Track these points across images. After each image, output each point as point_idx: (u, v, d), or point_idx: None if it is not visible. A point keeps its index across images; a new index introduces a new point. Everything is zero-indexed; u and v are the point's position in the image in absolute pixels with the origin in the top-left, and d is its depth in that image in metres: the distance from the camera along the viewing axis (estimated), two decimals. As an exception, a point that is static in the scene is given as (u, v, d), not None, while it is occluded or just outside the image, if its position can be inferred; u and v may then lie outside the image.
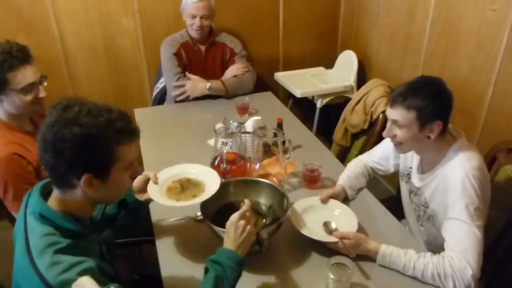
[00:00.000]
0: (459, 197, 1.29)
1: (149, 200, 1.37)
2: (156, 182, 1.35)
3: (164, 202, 1.32)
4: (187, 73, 2.40)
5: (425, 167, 1.49)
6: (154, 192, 1.34)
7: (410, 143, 1.40)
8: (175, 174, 1.44)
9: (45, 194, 1.07)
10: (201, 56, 2.49)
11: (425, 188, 1.47)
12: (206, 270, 1.11)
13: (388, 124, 1.43)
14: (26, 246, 0.98)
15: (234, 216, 1.17)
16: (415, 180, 1.52)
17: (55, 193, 1.05)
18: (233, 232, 1.16)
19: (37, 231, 1.00)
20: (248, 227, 1.16)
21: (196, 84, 2.41)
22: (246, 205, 1.20)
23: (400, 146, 1.44)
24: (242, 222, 1.16)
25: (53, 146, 0.96)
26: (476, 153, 1.38)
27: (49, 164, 0.99)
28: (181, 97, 2.44)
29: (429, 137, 1.37)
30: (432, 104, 1.32)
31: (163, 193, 1.37)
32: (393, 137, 1.43)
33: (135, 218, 1.42)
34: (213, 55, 2.52)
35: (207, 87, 2.41)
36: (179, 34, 2.52)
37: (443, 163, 1.40)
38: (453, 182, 1.32)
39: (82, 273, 0.93)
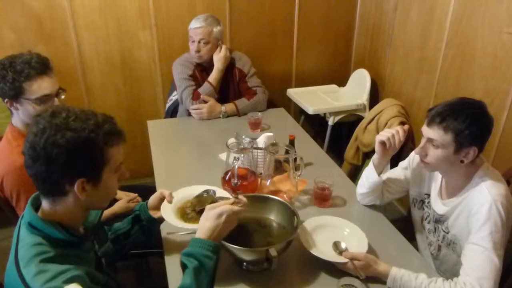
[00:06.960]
0: (484, 223, 1.27)
1: (162, 219, 1.37)
2: (170, 202, 1.36)
3: (175, 223, 1.32)
4: (202, 97, 2.44)
5: (448, 192, 1.46)
6: (167, 211, 1.35)
7: (441, 163, 1.36)
8: (190, 194, 1.44)
9: (37, 206, 1.07)
10: None
11: (449, 214, 1.44)
12: (184, 266, 1.10)
13: (423, 142, 1.39)
14: (15, 256, 0.98)
15: (226, 207, 1.16)
16: (438, 207, 1.49)
17: (45, 204, 1.05)
18: (214, 219, 1.14)
19: (27, 241, 0.99)
20: (227, 217, 1.15)
21: (214, 108, 2.48)
22: (243, 203, 1.22)
23: (428, 165, 1.40)
24: (228, 212, 1.16)
25: (45, 153, 0.95)
26: (502, 180, 1.36)
27: (40, 173, 0.98)
28: (196, 118, 2.49)
29: (462, 161, 1.33)
30: (471, 128, 1.28)
31: (175, 212, 1.37)
32: (423, 156, 1.39)
33: (148, 235, 1.41)
34: (225, 77, 2.54)
35: (222, 112, 2.48)
36: (190, 55, 2.54)
37: (469, 188, 1.37)
38: (480, 208, 1.29)
39: (68, 281, 0.92)
